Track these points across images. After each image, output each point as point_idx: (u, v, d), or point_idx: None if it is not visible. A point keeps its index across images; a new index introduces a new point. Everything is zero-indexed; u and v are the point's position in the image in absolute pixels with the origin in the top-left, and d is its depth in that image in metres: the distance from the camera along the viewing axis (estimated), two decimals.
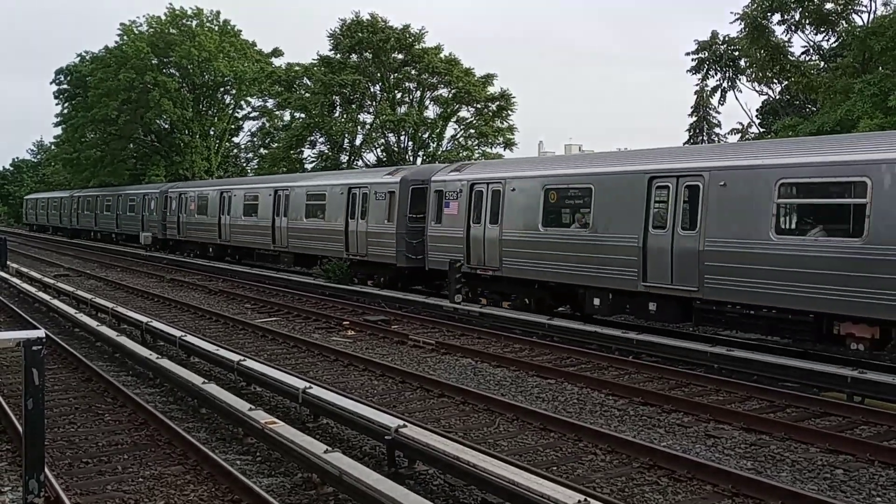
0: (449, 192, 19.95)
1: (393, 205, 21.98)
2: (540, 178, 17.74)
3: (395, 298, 20.72)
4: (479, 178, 19.31)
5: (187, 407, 10.44)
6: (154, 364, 11.62)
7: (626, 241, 15.06)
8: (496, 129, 42.70)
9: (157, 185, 44.21)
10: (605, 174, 16.27)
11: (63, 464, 8.14)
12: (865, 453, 8.59)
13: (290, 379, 10.22)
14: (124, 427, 9.50)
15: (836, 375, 11.22)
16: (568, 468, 8.19)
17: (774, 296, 12.64)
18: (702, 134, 46.33)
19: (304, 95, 45.02)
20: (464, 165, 22.01)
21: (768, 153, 13.70)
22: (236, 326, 17.65)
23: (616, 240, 15.36)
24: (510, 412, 10.18)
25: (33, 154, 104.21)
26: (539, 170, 18.50)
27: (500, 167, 21.49)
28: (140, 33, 54.80)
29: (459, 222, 19.42)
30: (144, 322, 15.15)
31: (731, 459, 8.54)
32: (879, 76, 23.63)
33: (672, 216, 14.41)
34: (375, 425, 8.06)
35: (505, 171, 19.32)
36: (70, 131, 60.97)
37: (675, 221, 14.33)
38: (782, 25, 29.83)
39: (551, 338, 15.63)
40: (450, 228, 19.74)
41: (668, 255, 14.31)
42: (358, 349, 14.84)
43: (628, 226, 15.11)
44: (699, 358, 13.06)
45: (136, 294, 23.75)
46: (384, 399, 10.99)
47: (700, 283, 13.68)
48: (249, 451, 8.61)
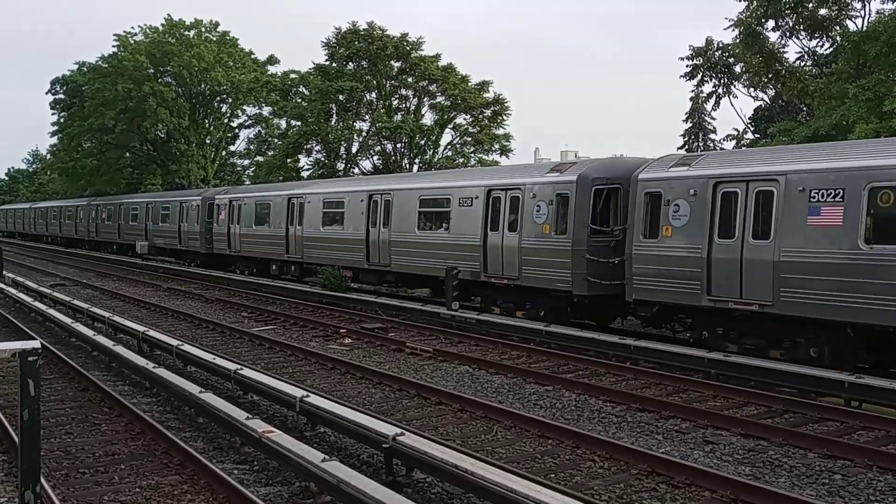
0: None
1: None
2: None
3: (391, 306, 20.68)
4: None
5: (184, 416, 10.41)
6: (151, 373, 11.59)
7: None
8: (492, 136, 42.81)
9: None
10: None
11: (60, 474, 8.11)
12: (863, 458, 8.60)
13: (287, 387, 10.20)
14: (121, 437, 9.47)
15: (834, 380, 11.22)
16: (566, 475, 8.18)
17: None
18: (697, 140, 46.48)
19: (301, 104, 45.10)
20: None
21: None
22: (233, 335, 17.61)
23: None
24: (508, 419, 10.17)
25: (29, 163, 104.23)
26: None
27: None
28: (137, 43, 54.88)
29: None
30: (141, 331, 15.11)
31: (730, 465, 8.53)
32: (874, 80, 23.75)
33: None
34: (373, 433, 8.04)
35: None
36: (66, 140, 61.05)
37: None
38: (777, 32, 30.03)
39: (549, 344, 15.60)
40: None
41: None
42: (355, 357, 14.81)
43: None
44: (697, 364, 13.06)
45: (132, 303, 23.70)
46: (382, 407, 10.97)
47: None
48: (247, 461, 8.58)
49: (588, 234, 16.13)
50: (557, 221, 16.68)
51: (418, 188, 21.54)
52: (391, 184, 23.68)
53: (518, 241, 17.42)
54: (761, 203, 12.96)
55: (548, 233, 16.79)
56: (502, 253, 17.86)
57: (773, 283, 12.50)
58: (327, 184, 28.71)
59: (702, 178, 13.96)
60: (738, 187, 13.36)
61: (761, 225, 12.92)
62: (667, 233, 14.32)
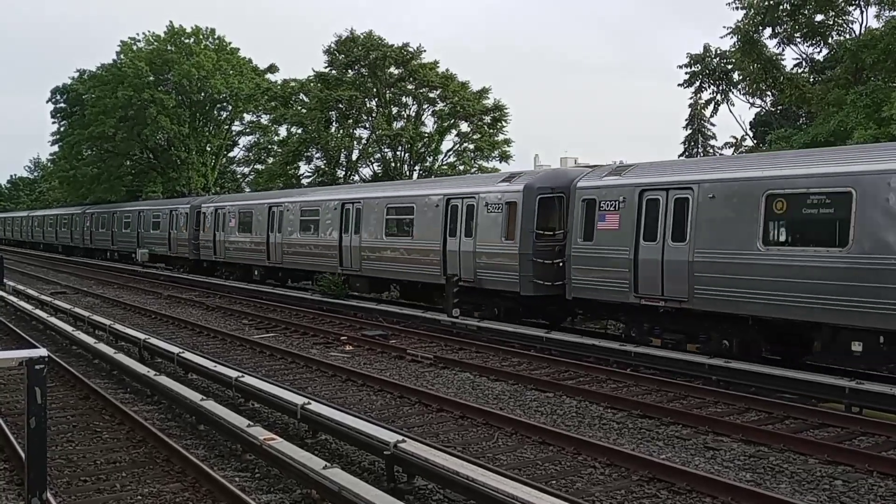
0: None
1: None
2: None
3: (392, 313, 20.70)
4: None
5: (185, 424, 10.42)
6: (152, 381, 11.60)
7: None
8: (491, 143, 42.85)
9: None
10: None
11: (61, 482, 8.11)
12: (864, 464, 8.61)
13: (288, 395, 10.21)
14: (122, 445, 9.47)
15: (834, 386, 11.25)
16: (567, 482, 8.19)
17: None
18: (696, 146, 46.59)
19: (301, 111, 45.19)
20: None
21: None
22: (234, 342, 17.63)
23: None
24: (509, 426, 10.18)
25: (30, 171, 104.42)
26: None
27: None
28: (139, 51, 55.04)
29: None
30: (142, 339, 15.12)
31: (731, 471, 8.55)
32: (872, 87, 23.84)
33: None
34: (374, 440, 8.05)
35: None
36: (67, 149, 61.22)
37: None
38: (774, 39, 30.14)
39: (549, 351, 15.64)
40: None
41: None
42: (356, 364, 14.83)
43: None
44: (697, 370, 13.08)
45: (133, 311, 23.72)
46: (383, 414, 10.98)
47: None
48: (248, 468, 8.59)
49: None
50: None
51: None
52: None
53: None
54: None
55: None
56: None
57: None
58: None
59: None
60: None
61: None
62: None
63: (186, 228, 35.36)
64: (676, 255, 14.08)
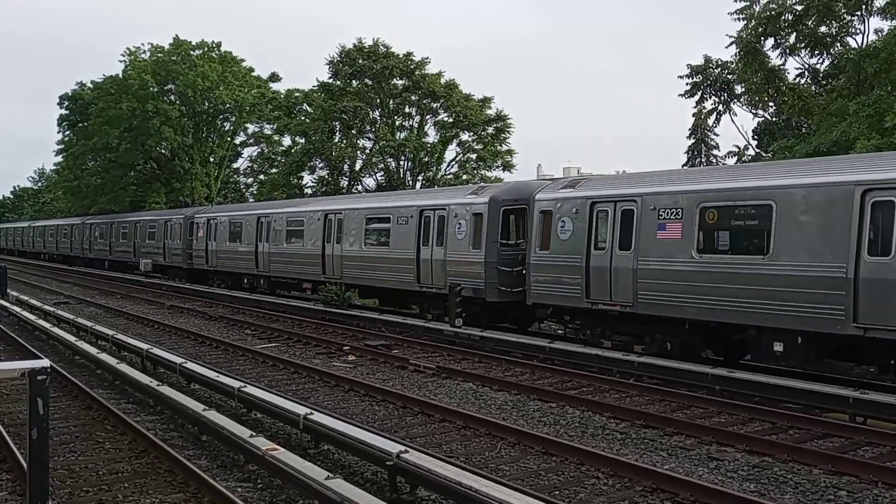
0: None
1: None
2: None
3: (395, 323, 20.70)
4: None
5: (188, 434, 10.41)
6: (154, 391, 11.59)
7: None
8: (494, 153, 42.92)
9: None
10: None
11: (63, 493, 8.10)
12: (869, 474, 8.57)
13: (290, 405, 10.20)
14: (125, 455, 9.46)
15: (838, 396, 11.21)
16: (570, 492, 8.16)
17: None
18: (700, 156, 46.56)
19: (305, 121, 45.31)
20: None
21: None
22: (236, 353, 17.62)
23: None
24: (512, 436, 10.15)
25: (34, 182, 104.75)
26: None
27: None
28: (143, 61, 55.30)
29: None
30: (145, 349, 15.13)
31: (735, 482, 8.51)
32: (875, 97, 23.83)
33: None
34: (377, 451, 8.04)
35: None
36: (70, 159, 61.43)
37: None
38: (776, 49, 30.16)
39: (552, 361, 15.62)
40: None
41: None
42: (359, 374, 14.82)
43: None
44: (701, 380, 13.06)
45: (136, 321, 23.73)
46: (385, 424, 10.96)
47: None
48: (250, 479, 8.57)
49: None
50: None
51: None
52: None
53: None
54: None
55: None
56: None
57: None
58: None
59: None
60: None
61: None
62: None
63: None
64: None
